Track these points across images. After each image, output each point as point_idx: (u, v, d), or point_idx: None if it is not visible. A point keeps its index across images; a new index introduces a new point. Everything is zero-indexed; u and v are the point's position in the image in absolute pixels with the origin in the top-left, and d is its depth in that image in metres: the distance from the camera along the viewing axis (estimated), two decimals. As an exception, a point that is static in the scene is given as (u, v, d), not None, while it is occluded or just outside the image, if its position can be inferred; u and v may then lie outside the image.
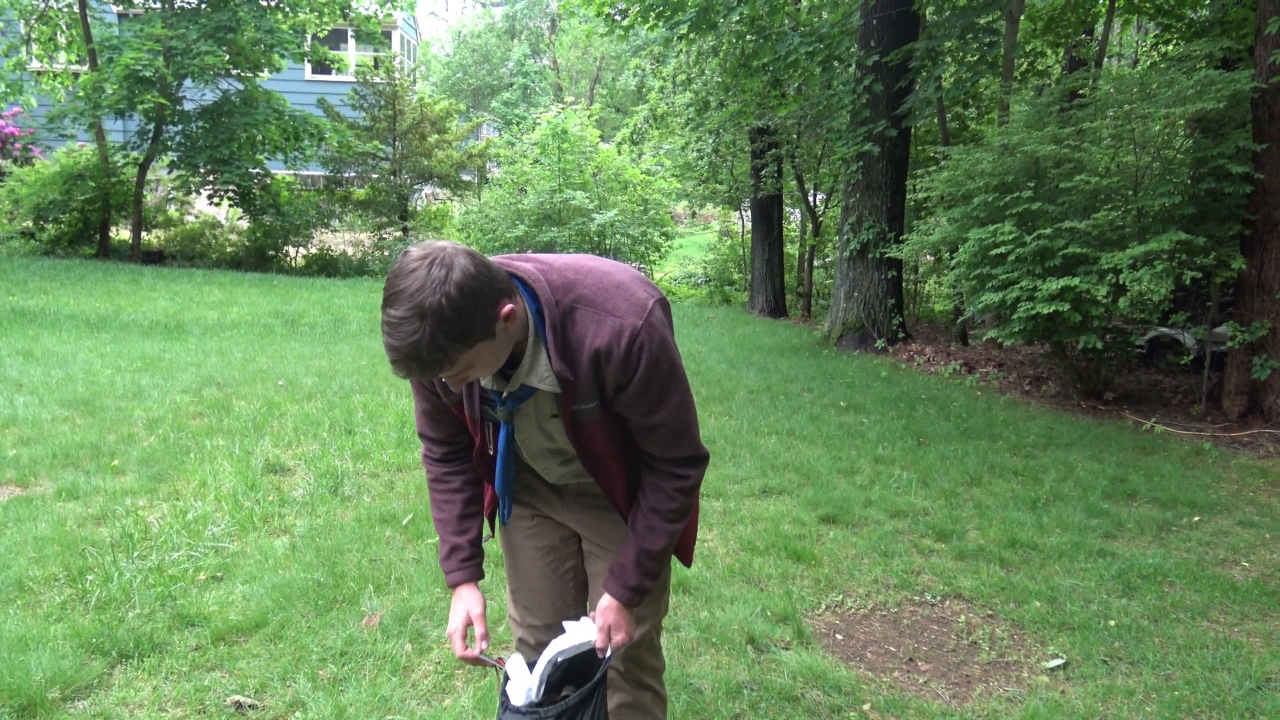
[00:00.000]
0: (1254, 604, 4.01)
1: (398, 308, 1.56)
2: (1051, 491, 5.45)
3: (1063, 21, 11.72)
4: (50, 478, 4.79)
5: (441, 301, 1.55)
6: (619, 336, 1.75)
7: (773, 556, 4.30)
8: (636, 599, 2.01)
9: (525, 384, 1.82)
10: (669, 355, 1.82)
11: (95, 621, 3.26)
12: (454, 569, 2.08)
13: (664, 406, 1.85)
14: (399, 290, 1.56)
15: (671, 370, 1.83)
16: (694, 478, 1.97)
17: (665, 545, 1.99)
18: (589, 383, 1.80)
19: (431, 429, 2.06)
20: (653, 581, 2.02)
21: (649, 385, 1.80)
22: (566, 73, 43.17)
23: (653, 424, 1.87)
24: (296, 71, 21.20)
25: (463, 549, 2.09)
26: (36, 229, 16.30)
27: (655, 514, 1.97)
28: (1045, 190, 7.79)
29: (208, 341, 8.95)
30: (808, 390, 8.14)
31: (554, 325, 1.75)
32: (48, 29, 17.12)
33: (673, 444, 1.91)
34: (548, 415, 1.91)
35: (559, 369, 1.77)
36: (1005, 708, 3.12)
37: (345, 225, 19.11)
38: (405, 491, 4.89)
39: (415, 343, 1.56)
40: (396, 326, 1.56)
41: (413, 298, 1.55)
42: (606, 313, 1.76)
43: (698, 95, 15.74)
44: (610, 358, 1.76)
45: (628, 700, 2.19)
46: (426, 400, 2.01)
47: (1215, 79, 7.02)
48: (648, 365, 1.77)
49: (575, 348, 1.77)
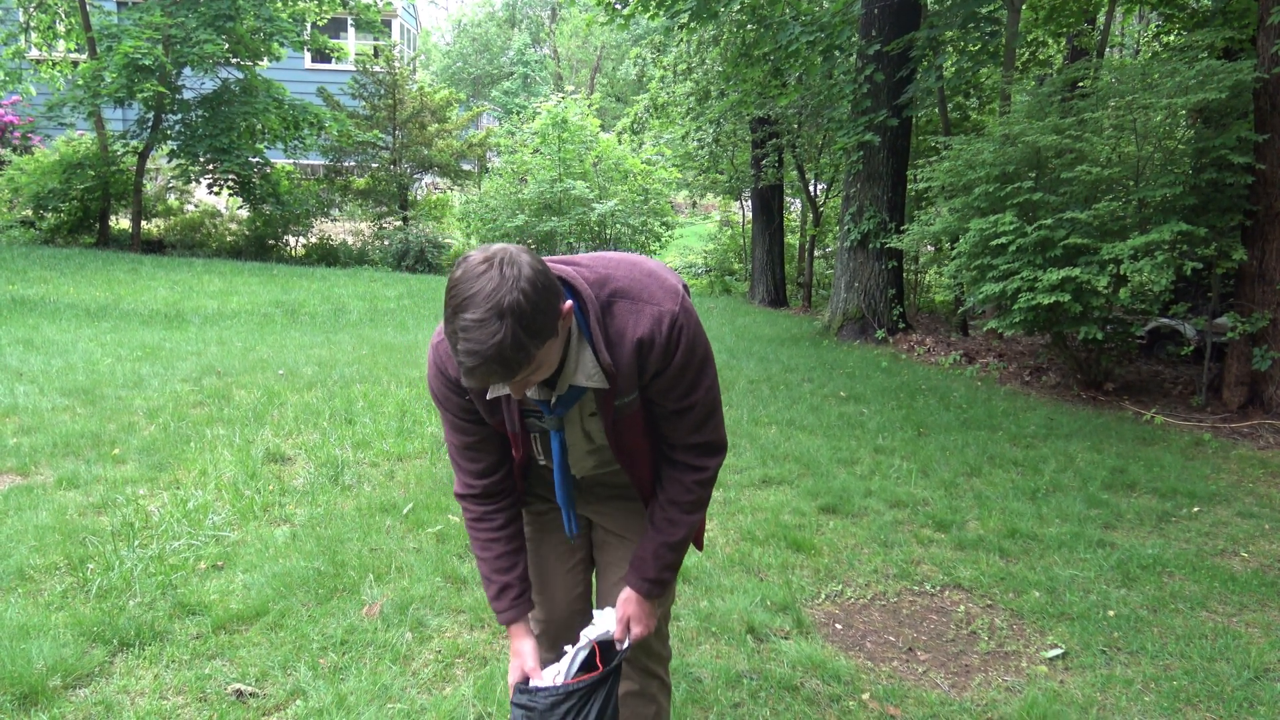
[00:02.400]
0: (1253, 594, 4.02)
1: (474, 310, 1.54)
2: (1051, 482, 5.45)
3: (1064, 11, 11.68)
4: (51, 466, 4.79)
5: (519, 299, 1.54)
6: (659, 323, 1.78)
7: (772, 546, 4.31)
8: (657, 591, 2.02)
9: (573, 385, 1.82)
10: (703, 337, 1.88)
11: (96, 610, 3.27)
12: (506, 608, 2.06)
13: (699, 388, 1.88)
14: (472, 294, 1.54)
15: (705, 352, 1.88)
16: (712, 468, 1.98)
17: (684, 537, 2.00)
18: (631, 373, 1.82)
19: (471, 462, 2.02)
20: (672, 574, 2.03)
21: (686, 368, 1.84)
22: (567, 62, 43.05)
23: (686, 406, 1.89)
24: (296, 60, 21.13)
25: (514, 587, 2.06)
26: (36, 218, 16.27)
27: (674, 506, 1.98)
28: (1046, 180, 7.77)
29: (208, 330, 8.94)
30: (808, 380, 8.14)
31: (598, 320, 1.76)
32: (47, 17, 17.05)
33: (700, 426, 1.93)
34: (588, 414, 1.93)
35: (606, 363, 1.78)
36: (1004, 697, 3.13)
37: (345, 214, 19.08)
38: (406, 481, 4.89)
39: (499, 342, 1.54)
40: (477, 328, 1.54)
41: (490, 298, 1.53)
42: (644, 301, 1.79)
43: (698, 84, 15.71)
44: (654, 345, 1.79)
45: (635, 688, 2.20)
46: (466, 433, 1.97)
47: (1217, 69, 7.00)
48: (686, 348, 1.81)
49: (617, 341, 1.78)
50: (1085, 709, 3.06)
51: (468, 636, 3.32)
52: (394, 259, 17.07)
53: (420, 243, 17.28)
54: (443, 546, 4.06)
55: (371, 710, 2.81)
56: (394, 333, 9.52)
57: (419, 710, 2.85)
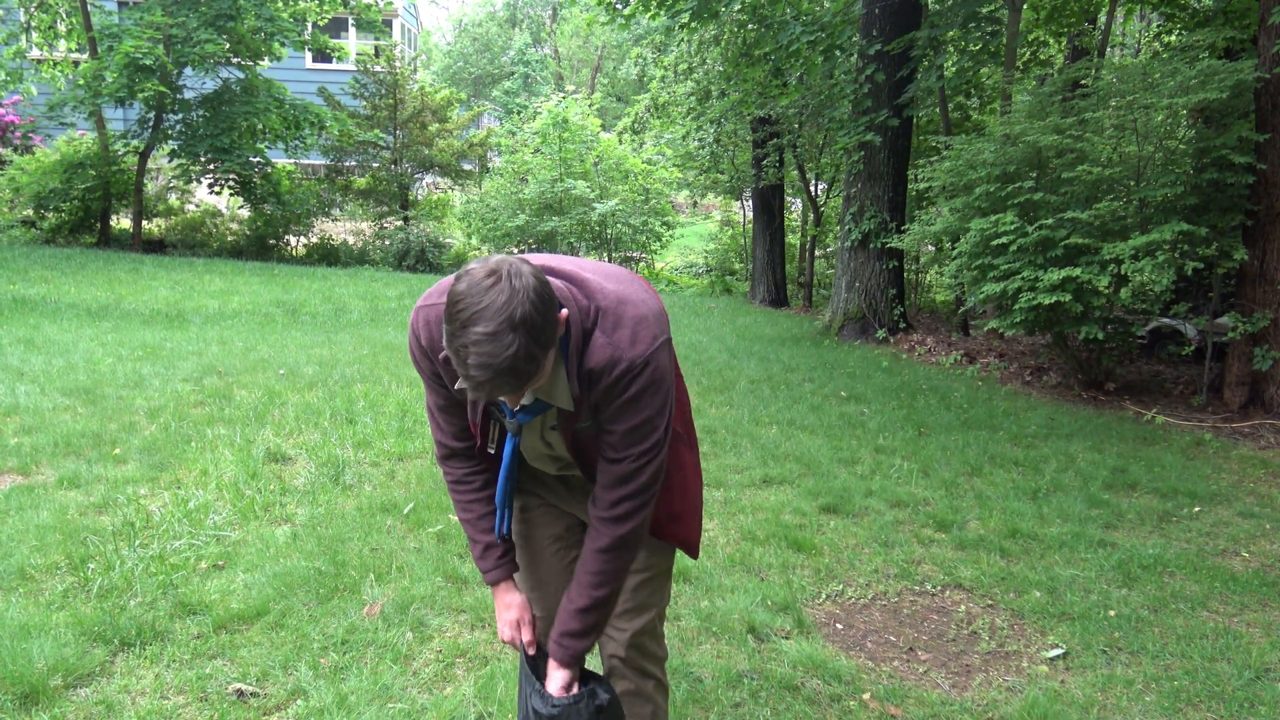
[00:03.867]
0: (1254, 594, 4.01)
1: (486, 324, 1.53)
2: (1052, 482, 5.45)
3: (1065, 11, 11.68)
4: (52, 466, 4.79)
5: (530, 310, 1.55)
6: (613, 366, 1.76)
7: (773, 546, 4.31)
8: (559, 653, 1.97)
9: (540, 399, 1.82)
10: (661, 398, 1.83)
11: (97, 609, 3.27)
12: (491, 566, 2.09)
13: (632, 447, 1.84)
14: (481, 307, 1.53)
15: (653, 417, 1.83)
16: (608, 537, 1.91)
17: (586, 607, 1.94)
18: (586, 399, 1.83)
19: (446, 424, 2.04)
20: (574, 641, 1.96)
21: (624, 415, 1.82)
22: (568, 62, 43.05)
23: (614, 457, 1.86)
24: (297, 60, 21.13)
25: (496, 546, 2.08)
26: (37, 218, 16.28)
27: (584, 570, 1.95)
28: (1047, 180, 7.77)
29: (209, 330, 8.94)
30: (809, 380, 8.14)
31: (576, 347, 1.77)
32: (48, 17, 17.05)
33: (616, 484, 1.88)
34: (549, 427, 1.95)
35: (575, 391, 1.79)
36: (1005, 697, 3.13)
37: (346, 214, 19.07)
38: (406, 480, 4.89)
39: (513, 355, 1.54)
40: (490, 341, 1.53)
41: (501, 311, 1.53)
42: (615, 344, 1.77)
43: (699, 84, 15.70)
44: (600, 380, 1.78)
45: (630, 688, 2.20)
46: (439, 395, 1.99)
47: (1218, 69, 7.00)
48: (632, 397, 1.79)
49: (581, 367, 1.79)
50: (1086, 709, 3.06)
51: (468, 636, 3.32)
52: (395, 259, 17.07)
53: (421, 242, 17.27)
54: (443, 546, 4.07)
55: (372, 710, 2.81)
56: (395, 332, 9.52)
57: (420, 710, 2.85)
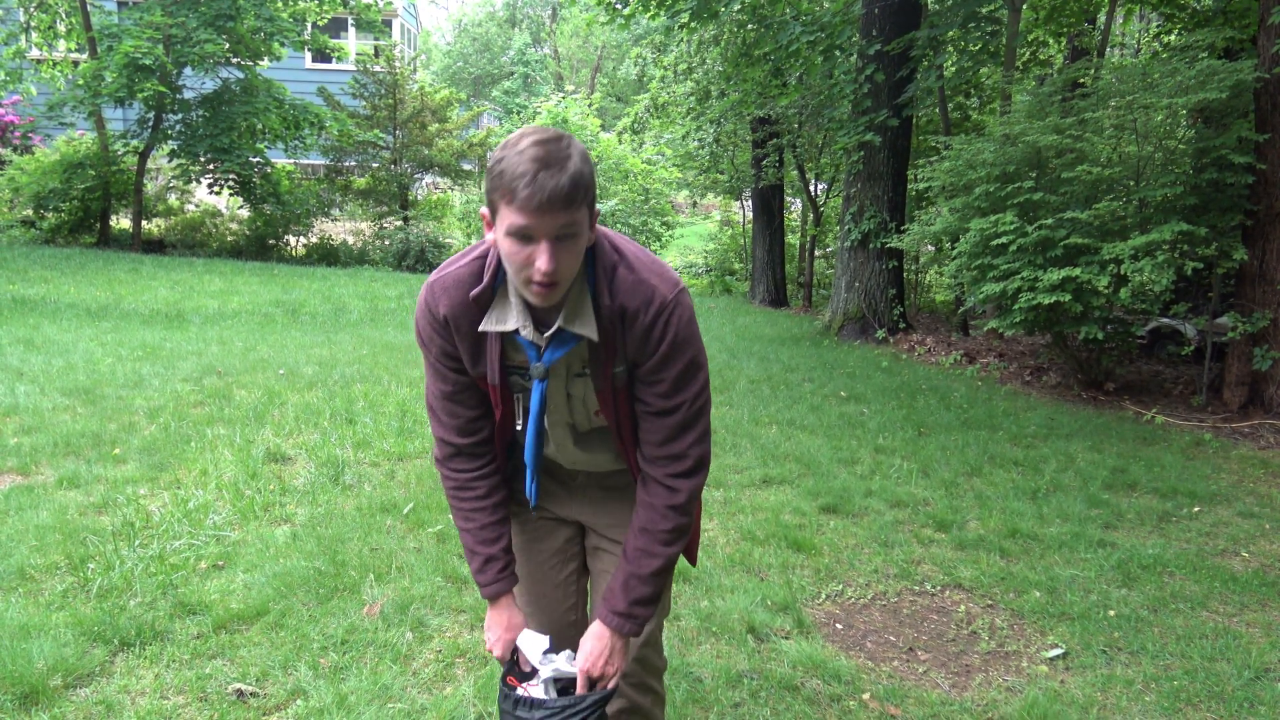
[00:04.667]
0: (1253, 594, 4.02)
1: (544, 136, 1.57)
2: (1052, 482, 5.45)
3: (1065, 11, 11.68)
4: (51, 466, 4.79)
5: (580, 144, 1.61)
6: (649, 302, 1.74)
7: (773, 546, 4.31)
8: (627, 627, 1.90)
9: (565, 329, 1.74)
10: (697, 341, 1.81)
11: (97, 610, 3.27)
12: (491, 581, 1.98)
13: (685, 390, 1.81)
14: (537, 134, 1.58)
15: (697, 356, 1.81)
16: (685, 492, 1.86)
17: (659, 569, 1.88)
18: (617, 339, 1.77)
19: (451, 416, 1.93)
20: (644, 609, 1.90)
21: (671, 359, 1.77)
22: (567, 62, 43.06)
23: (669, 406, 1.81)
24: (296, 60, 21.13)
25: (498, 559, 1.97)
26: (37, 218, 16.28)
27: (647, 535, 1.88)
28: (1047, 180, 7.77)
29: (208, 330, 8.94)
30: (808, 380, 8.14)
31: (605, 272, 1.74)
32: (47, 17, 17.05)
33: (679, 434, 1.83)
34: (574, 374, 1.85)
35: (605, 307, 1.74)
36: (1005, 697, 3.13)
37: (346, 214, 19.08)
38: (406, 481, 4.89)
39: (579, 169, 1.57)
40: (550, 143, 1.56)
41: (558, 133, 1.59)
42: (643, 278, 1.75)
43: (699, 84, 15.71)
44: (637, 320, 1.74)
45: (627, 705, 2.12)
46: (447, 381, 1.89)
47: (1218, 69, 7.00)
48: (673, 339, 1.76)
49: (609, 302, 1.75)
50: (1086, 709, 3.06)
51: (468, 636, 3.32)
52: (394, 259, 17.07)
53: (421, 242, 17.28)
54: (443, 546, 4.07)
55: (372, 710, 2.81)
56: (394, 332, 9.52)
57: (419, 710, 2.85)
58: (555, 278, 1.61)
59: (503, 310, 1.76)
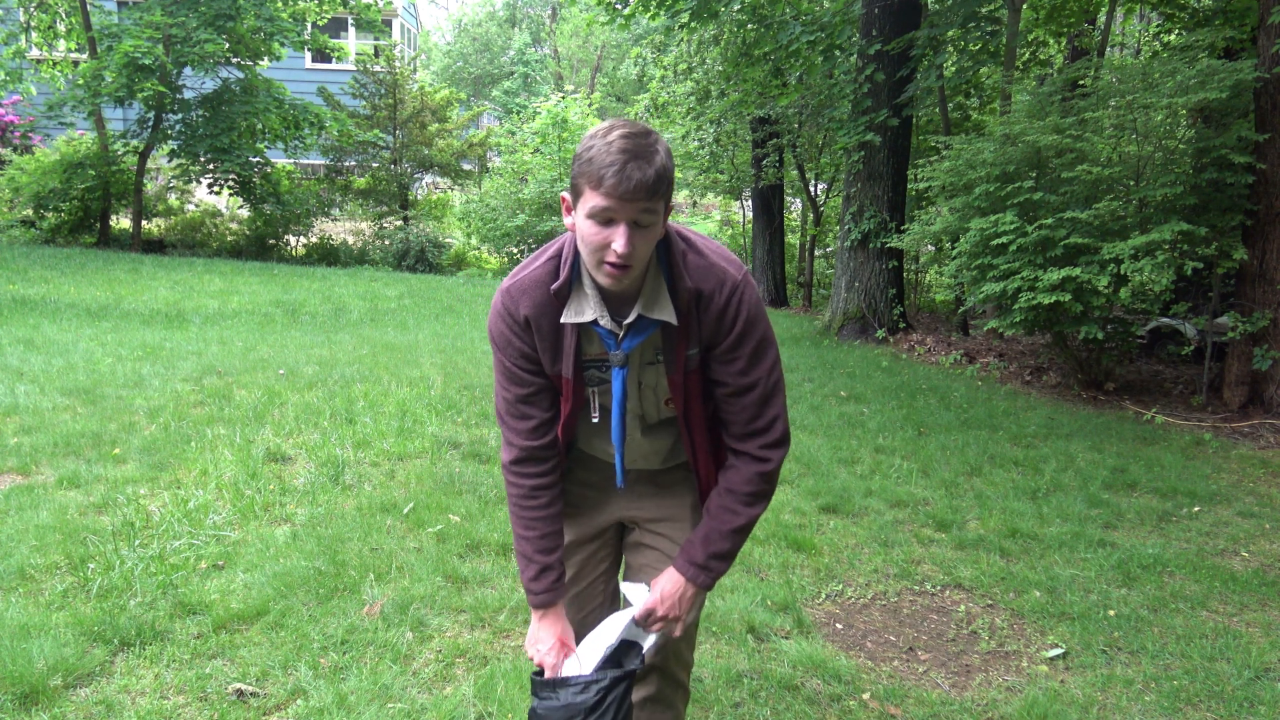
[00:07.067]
0: (1253, 594, 4.02)
1: (634, 130, 1.66)
2: (1052, 481, 5.45)
3: (1065, 11, 11.68)
4: (51, 466, 4.79)
5: (665, 142, 1.71)
6: (721, 285, 1.82)
7: (773, 546, 4.31)
8: (702, 578, 1.95)
9: (643, 316, 1.82)
10: (765, 319, 1.89)
11: (97, 609, 3.27)
12: (545, 590, 1.99)
13: (759, 366, 1.88)
14: (627, 127, 1.66)
15: (767, 333, 1.89)
16: (775, 461, 1.94)
17: (741, 527, 1.94)
18: (692, 323, 1.85)
19: (522, 419, 1.96)
20: (721, 564, 1.96)
21: (745, 338, 1.85)
22: (567, 61, 43.04)
23: (746, 384, 1.89)
24: (296, 60, 21.13)
25: (553, 570, 1.99)
26: (37, 217, 16.28)
27: (732, 495, 1.94)
28: (1047, 180, 7.77)
29: (208, 330, 8.94)
30: (808, 380, 8.14)
31: (678, 259, 1.83)
32: (47, 17, 17.06)
33: (761, 410, 1.91)
34: (645, 362, 1.93)
35: (685, 288, 1.82)
36: (1004, 697, 3.13)
37: (346, 214, 19.08)
38: (406, 480, 4.89)
39: (664, 163, 1.66)
40: (641, 135, 1.65)
41: (647, 129, 1.67)
42: (712, 263, 1.84)
43: (699, 84, 15.70)
44: (711, 303, 1.82)
45: (653, 692, 2.15)
46: (521, 383, 1.93)
47: (1218, 69, 7.00)
48: (746, 319, 1.84)
49: (683, 287, 1.82)
50: (1086, 708, 3.06)
51: (468, 636, 3.32)
52: (394, 259, 17.07)
53: (421, 242, 17.28)
54: (443, 546, 4.07)
55: (372, 710, 2.81)
56: (394, 332, 9.52)
57: (419, 710, 2.85)
58: (630, 260, 1.69)
59: (580, 303, 1.84)
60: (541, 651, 1.99)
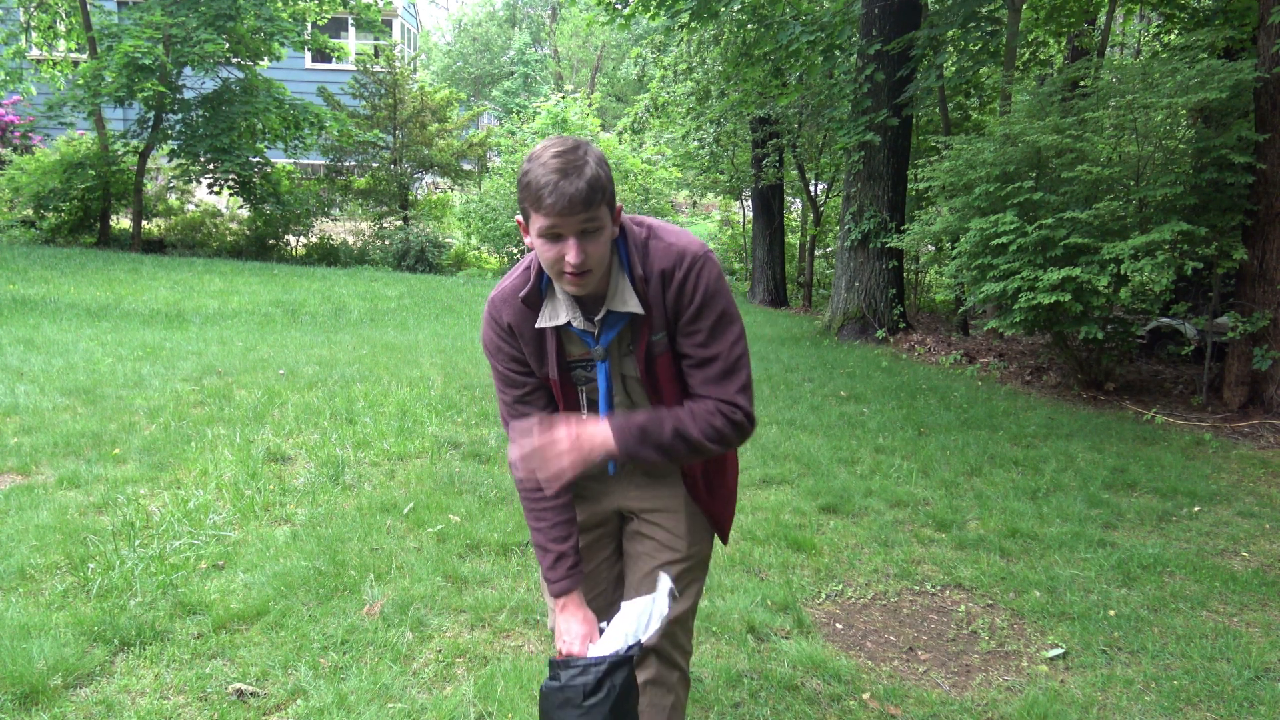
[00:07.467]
0: (1253, 594, 4.02)
1: (563, 147, 1.76)
2: (1052, 481, 5.45)
3: (1065, 11, 11.68)
4: (52, 466, 4.79)
5: (598, 150, 1.82)
6: (681, 258, 1.91)
7: (773, 546, 4.31)
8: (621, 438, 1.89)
9: (612, 311, 1.93)
10: (727, 294, 1.95)
11: (97, 609, 3.27)
12: (562, 577, 2.08)
13: (720, 340, 1.94)
14: (557, 145, 1.77)
15: (729, 308, 1.95)
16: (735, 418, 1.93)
17: (679, 430, 1.91)
18: (659, 305, 1.93)
19: (522, 419, 2.03)
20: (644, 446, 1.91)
21: (704, 310, 1.92)
22: (567, 61, 43.05)
23: (707, 356, 1.94)
24: (296, 60, 21.13)
25: (568, 557, 2.09)
26: (37, 217, 16.28)
27: (690, 415, 1.93)
28: (1047, 180, 7.77)
29: (208, 330, 8.94)
30: (808, 380, 8.14)
31: (636, 250, 1.93)
32: (47, 17, 17.06)
33: (720, 381, 1.95)
34: (623, 354, 2.02)
35: (641, 288, 1.91)
36: (1005, 697, 3.13)
37: (346, 214, 19.08)
38: (406, 480, 4.90)
39: (586, 163, 1.75)
40: (568, 153, 1.75)
41: (575, 142, 1.78)
42: (671, 243, 1.93)
43: (699, 84, 15.70)
44: (673, 278, 1.91)
45: (654, 675, 2.21)
46: (516, 385, 2.07)
47: (1218, 69, 7.00)
48: (706, 291, 1.91)
49: (648, 274, 1.92)
50: (1086, 708, 3.06)
51: (468, 636, 3.32)
52: (394, 259, 17.07)
53: (421, 242, 17.28)
54: (443, 546, 4.07)
55: (372, 710, 2.81)
56: (394, 332, 9.52)
57: (419, 710, 2.85)
58: (585, 267, 1.81)
59: (553, 307, 1.97)
60: (568, 642, 2.06)
